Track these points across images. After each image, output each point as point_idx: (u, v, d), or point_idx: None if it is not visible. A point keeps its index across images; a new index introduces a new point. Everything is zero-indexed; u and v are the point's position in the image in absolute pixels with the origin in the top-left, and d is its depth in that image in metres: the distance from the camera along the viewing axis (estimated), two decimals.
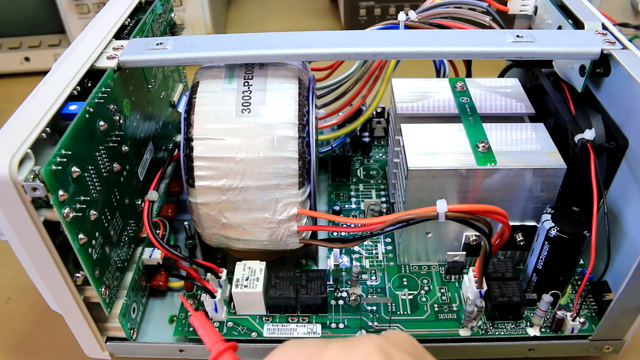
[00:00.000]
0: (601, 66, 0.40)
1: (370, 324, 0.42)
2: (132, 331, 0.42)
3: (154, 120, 0.50)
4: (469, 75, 0.55)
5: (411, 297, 0.45)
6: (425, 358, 0.30)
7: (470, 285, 0.42)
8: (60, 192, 0.31)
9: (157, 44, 0.40)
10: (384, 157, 0.60)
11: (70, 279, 0.35)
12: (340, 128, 0.57)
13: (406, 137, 0.44)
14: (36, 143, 0.32)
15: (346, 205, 0.54)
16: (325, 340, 0.30)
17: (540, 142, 0.43)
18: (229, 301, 0.44)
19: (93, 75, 0.38)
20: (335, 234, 0.50)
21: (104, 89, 0.37)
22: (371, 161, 0.60)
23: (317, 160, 0.47)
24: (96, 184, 0.36)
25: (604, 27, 0.42)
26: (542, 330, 0.42)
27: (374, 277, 0.46)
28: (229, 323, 0.43)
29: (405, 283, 0.46)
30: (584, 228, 0.39)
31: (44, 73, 0.38)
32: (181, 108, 0.48)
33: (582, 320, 0.41)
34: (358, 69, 0.53)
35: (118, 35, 0.43)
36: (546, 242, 0.40)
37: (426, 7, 0.49)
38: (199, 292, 0.45)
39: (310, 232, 0.43)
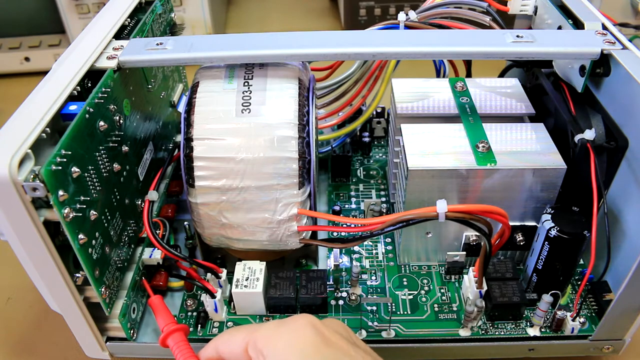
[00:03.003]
0: (601, 66, 0.40)
1: (370, 324, 0.42)
2: (132, 331, 0.42)
3: (154, 120, 0.50)
4: (469, 75, 0.55)
5: (411, 297, 0.45)
6: (356, 342, 0.32)
7: (470, 285, 0.42)
8: (60, 192, 0.31)
9: (157, 44, 0.40)
10: (384, 157, 0.60)
11: (70, 279, 0.35)
12: (340, 128, 0.57)
13: (406, 137, 0.44)
14: (36, 143, 0.32)
15: (346, 205, 0.54)
16: (262, 323, 0.32)
17: (540, 142, 0.43)
18: (229, 301, 0.44)
19: (93, 75, 0.38)
20: (335, 234, 0.50)
21: (104, 89, 0.37)
22: (371, 161, 0.60)
23: (317, 160, 0.47)
24: (96, 184, 0.36)
25: (604, 27, 0.42)
26: (542, 330, 0.42)
27: (374, 277, 0.46)
28: (229, 323, 0.43)
29: (405, 283, 0.46)
30: (584, 228, 0.39)
31: (44, 73, 0.38)
32: (181, 108, 0.48)
33: (582, 320, 0.41)
34: (358, 69, 0.53)
35: (118, 35, 0.43)
36: (546, 242, 0.40)
37: (426, 7, 0.49)
38: (199, 292, 0.45)
39: (310, 232, 0.43)
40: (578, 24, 0.44)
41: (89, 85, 0.38)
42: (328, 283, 0.45)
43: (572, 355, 0.43)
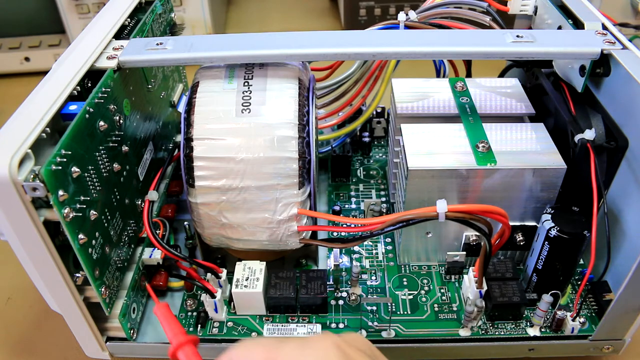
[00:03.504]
0: (601, 66, 0.40)
1: (370, 324, 0.42)
2: (132, 331, 0.42)
3: (154, 120, 0.50)
4: (469, 75, 0.55)
5: (411, 297, 0.45)
6: (379, 358, 0.30)
7: (470, 285, 0.42)
8: (60, 192, 0.31)
9: (157, 44, 0.40)
10: (384, 157, 0.60)
11: (70, 279, 0.35)
12: (340, 128, 0.57)
13: (406, 137, 0.44)
14: (36, 143, 0.32)
15: (346, 205, 0.54)
16: (282, 339, 0.30)
17: (540, 142, 0.43)
18: (229, 301, 0.44)
19: (93, 75, 0.38)
20: (335, 234, 0.50)
21: (104, 89, 0.37)
22: (371, 161, 0.60)
23: (317, 160, 0.47)
24: (96, 184, 0.36)
25: (604, 27, 0.42)
26: (542, 330, 0.42)
27: (374, 277, 0.46)
28: (229, 323, 0.43)
29: (405, 283, 0.46)
30: (584, 228, 0.39)
31: (44, 73, 0.38)
32: (181, 108, 0.48)
33: (582, 320, 0.41)
34: (358, 69, 0.53)
35: (118, 35, 0.43)
36: (546, 242, 0.40)
37: (426, 7, 0.49)
38: (199, 292, 0.45)
39: (310, 232, 0.43)
40: (578, 24, 0.44)
41: (89, 85, 0.38)
42: (328, 283, 0.45)
43: (572, 355, 0.43)
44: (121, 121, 0.40)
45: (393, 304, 0.44)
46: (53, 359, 0.47)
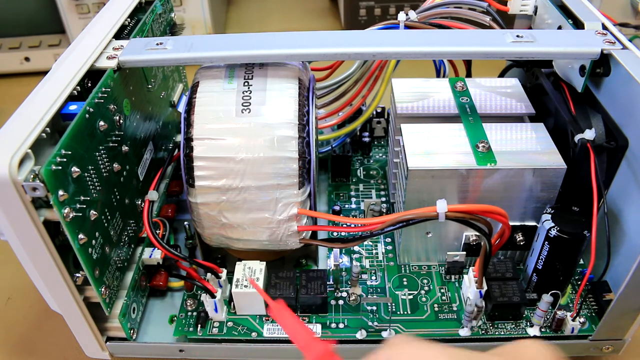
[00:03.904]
0: (601, 66, 0.40)
1: (370, 324, 0.42)
2: (132, 331, 0.42)
3: (154, 120, 0.50)
4: (469, 75, 0.55)
5: (411, 297, 0.45)
6: None
7: (470, 285, 0.42)
8: (60, 192, 0.31)
9: (157, 44, 0.40)
10: (384, 157, 0.60)
11: (70, 279, 0.35)
12: (340, 128, 0.57)
13: (406, 137, 0.44)
14: (36, 143, 0.32)
15: (346, 205, 0.54)
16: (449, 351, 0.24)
17: (540, 142, 0.43)
18: (229, 301, 0.44)
19: (93, 75, 0.38)
20: (335, 234, 0.50)
21: (104, 89, 0.37)
22: (371, 161, 0.60)
23: (317, 160, 0.47)
24: (96, 184, 0.36)
25: (604, 27, 0.42)
26: (542, 330, 0.42)
27: (374, 277, 0.46)
28: (229, 323, 0.43)
29: (405, 283, 0.46)
30: (584, 228, 0.39)
31: (44, 73, 0.38)
32: (181, 108, 0.48)
33: (582, 320, 0.41)
34: (358, 69, 0.53)
35: (118, 35, 0.43)
36: (546, 242, 0.40)
37: (426, 7, 0.49)
38: (199, 292, 0.45)
39: (310, 232, 0.43)
40: (578, 24, 0.44)
41: (89, 85, 0.38)
42: (328, 283, 0.45)
43: (572, 355, 0.43)
44: (121, 121, 0.40)
45: (393, 304, 0.44)
46: (53, 359, 0.47)
